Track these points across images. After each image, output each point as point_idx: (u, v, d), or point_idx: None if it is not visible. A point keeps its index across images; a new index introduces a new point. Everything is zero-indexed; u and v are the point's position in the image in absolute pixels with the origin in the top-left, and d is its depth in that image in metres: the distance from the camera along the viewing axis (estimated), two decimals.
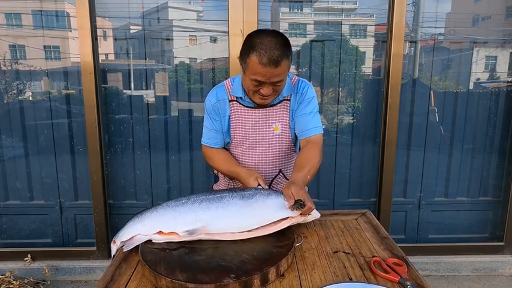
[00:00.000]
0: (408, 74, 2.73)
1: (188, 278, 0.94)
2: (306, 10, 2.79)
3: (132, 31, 2.68)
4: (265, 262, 1.01)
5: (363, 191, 2.84)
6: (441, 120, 2.79)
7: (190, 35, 2.77)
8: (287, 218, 1.20)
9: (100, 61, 2.57)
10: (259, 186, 1.36)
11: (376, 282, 1.00)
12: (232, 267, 0.99)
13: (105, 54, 2.66)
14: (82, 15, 2.41)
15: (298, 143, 1.59)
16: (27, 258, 2.69)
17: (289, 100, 1.51)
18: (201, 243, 1.15)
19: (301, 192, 1.20)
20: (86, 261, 2.75)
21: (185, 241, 1.15)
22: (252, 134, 1.52)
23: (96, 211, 2.66)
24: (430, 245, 2.89)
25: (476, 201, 2.90)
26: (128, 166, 2.74)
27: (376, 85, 2.73)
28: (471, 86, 2.82)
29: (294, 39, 2.75)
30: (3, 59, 2.60)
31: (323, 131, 1.52)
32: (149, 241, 1.16)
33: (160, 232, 1.17)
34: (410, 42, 2.72)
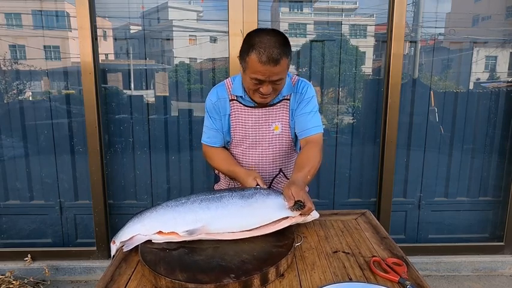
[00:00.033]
0: (408, 74, 2.73)
1: (188, 278, 0.94)
2: (306, 10, 2.79)
3: (132, 31, 2.68)
4: (265, 262, 1.01)
5: (363, 191, 2.84)
6: (441, 120, 2.79)
7: (190, 35, 2.76)
8: (287, 218, 1.20)
9: (100, 61, 2.57)
10: (257, 186, 1.36)
11: (375, 282, 1.00)
12: (232, 267, 0.99)
13: (105, 54, 2.66)
14: (82, 15, 2.41)
15: (298, 143, 1.59)
16: (27, 258, 2.69)
17: (288, 99, 1.51)
18: (201, 243, 1.15)
19: (301, 192, 1.20)
20: (86, 261, 2.75)
21: (185, 241, 1.15)
22: (252, 133, 1.52)
23: (96, 211, 2.66)
24: (430, 245, 2.89)
25: (476, 201, 2.90)
26: (128, 166, 2.74)
27: (376, 85, 2.73)
28: (471, 86, 2.82)
29: (294, 39, 2.75)
30: (3, 59, 2.60)
31: (323, 131, 1.52)
32: (149, 241, 1.16)
33: (160, 232, 1.17)
34: (410, 42, 2.72)
